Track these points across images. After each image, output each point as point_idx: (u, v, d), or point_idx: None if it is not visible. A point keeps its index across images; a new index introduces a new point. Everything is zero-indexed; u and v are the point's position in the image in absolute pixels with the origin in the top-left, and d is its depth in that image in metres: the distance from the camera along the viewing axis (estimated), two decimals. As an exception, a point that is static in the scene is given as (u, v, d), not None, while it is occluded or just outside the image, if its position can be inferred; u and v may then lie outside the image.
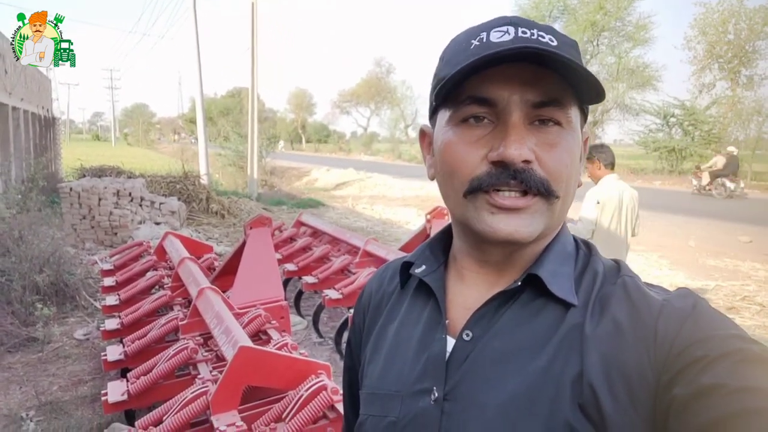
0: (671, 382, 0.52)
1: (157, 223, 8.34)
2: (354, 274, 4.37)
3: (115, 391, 2.60)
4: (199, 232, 9.13)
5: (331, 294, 4.03)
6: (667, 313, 0.56)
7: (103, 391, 2.62)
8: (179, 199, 9.92)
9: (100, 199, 7.81)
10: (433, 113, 0.70)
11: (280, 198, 15.31)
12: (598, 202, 3.56)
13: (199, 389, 2.28)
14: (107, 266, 4.79)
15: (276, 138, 27.26)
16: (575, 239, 0.71)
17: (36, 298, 4.87)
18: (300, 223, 6.10)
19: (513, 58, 0.57)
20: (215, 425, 2.10)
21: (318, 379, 2.22)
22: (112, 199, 7.93)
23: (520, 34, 0.59)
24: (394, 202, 14.82)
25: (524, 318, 0.63)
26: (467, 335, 0.64)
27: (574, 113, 0.63)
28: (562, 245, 0.68)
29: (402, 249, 4.54)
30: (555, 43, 0.59)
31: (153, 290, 4.22)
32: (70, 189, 7.76)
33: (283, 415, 2.17)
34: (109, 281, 4.40)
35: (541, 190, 0.60)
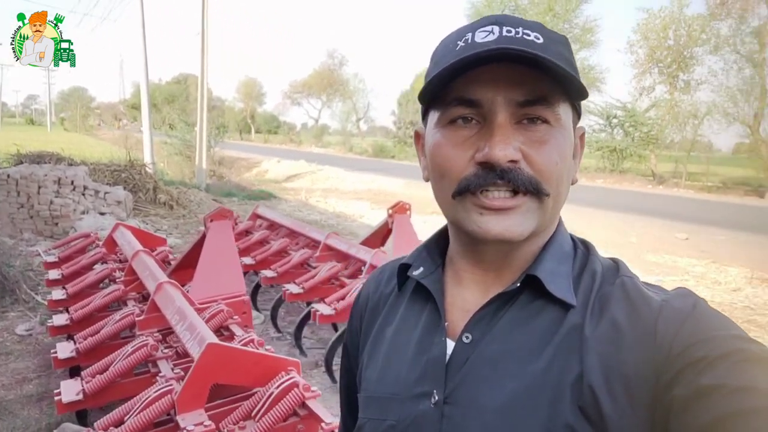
0: (671, 382, 0.52)
1: (102, 213, 7.99)
2: (315, 268, 4.33)
3: (70, 390, 2.48)
4: (147, 224, 8.81)
5: (292, 288, 3.98)
6: (666, 314, 0.56)
7: (56, 391, 2.49)
8: (125, 188, 9.53)
9: (39, 188, 7.40)
10: (424, 115, 0.70)
11: (230, 189, 14.97)
12: None
13: (162, 388, 2.20)
14: (51, 258, 4.54)
15: (225, 127, 26.62)
16: (573, 238, 0.71)
17: (-28, 291, 4.59)
18: (256, 216, 5.98)
19: (492, 59, 0.57)
20: (181, 425, 2.04)
21: (288, 376, 2.19)
22: (52, 188, 7.53)
23: (504, 33, 0.59)
24: (347, 195, 14.78)
25: (523, 320, 0.63)
26: (467, 338, 0.64)
27: (564, 111, 0.62)
28: (560, 244, 0.67)
29: (363, 243, 4.53)
30: (541, 41, 0.58)
31: (102, 284, 4.05)
32: (8, 176, 7.30)
33: (253, 413, 2.13)
34: (54, 274, 4.18)
35: (530, 189, 0.60)
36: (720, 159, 27.46)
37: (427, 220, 9.28)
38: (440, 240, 0.77)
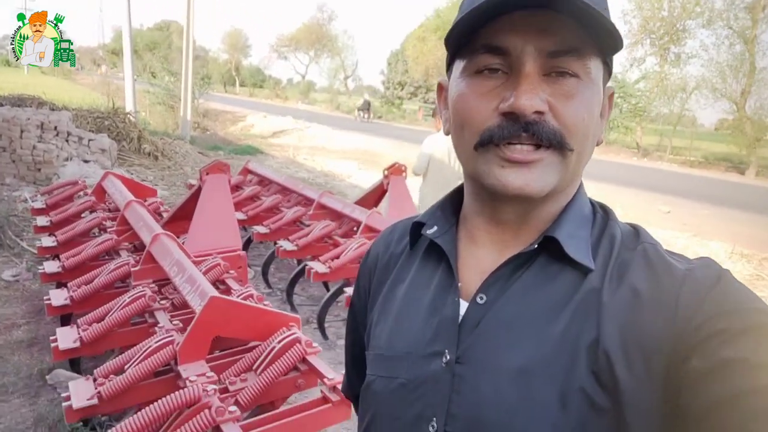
0: (690, 353, 0.51)
1: (86, 161, 7.81)
2: (308, 226, 4.31)
3: (66, 337, 2.46)
4: (132, 174, 8.63)
5: (285, 245, 3.97)
6: (689, 284, 0.54)
7: (51, 337, 2.47)
8: (108, 136, 9.30)
9: (22, 132, 7.18)
10: (449, 65, 0.67)
11: (215, 143, 14.73)
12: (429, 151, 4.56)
13: (164, 338, 2.19)
14: (38, 204, 4.46)
15: (209, 78, 26.01)
16: (592, 202, 0.69)
17: (-44, 235, 4.49)
18: (247, 171, 5.90)
19: (523, 2, 0.55)
20: (183, 375, 2.05)
21: (290, 332, 2.20)
22: (35, 132, 7.31)
23: None
24: (335, 155, 14.65)
25: (540, 282, 0.62)
26: (481, 298, 0.63)
27: (594, 65, 0.60)
28: (579, 208, 0.66)
29: (358, 203, 4.52)
30: None
31: (92, 233, 3.99)
32: (-12, 118, 7.07)
33: (254, 367, 2.15)
34: (42, 221, 4.11)
35: (554, 143, 0.58)
36: (702, 134, 27.70)
37: (418, 181, 9.28)
38: (454, 199, 0.75)
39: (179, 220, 3.83)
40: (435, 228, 0.72)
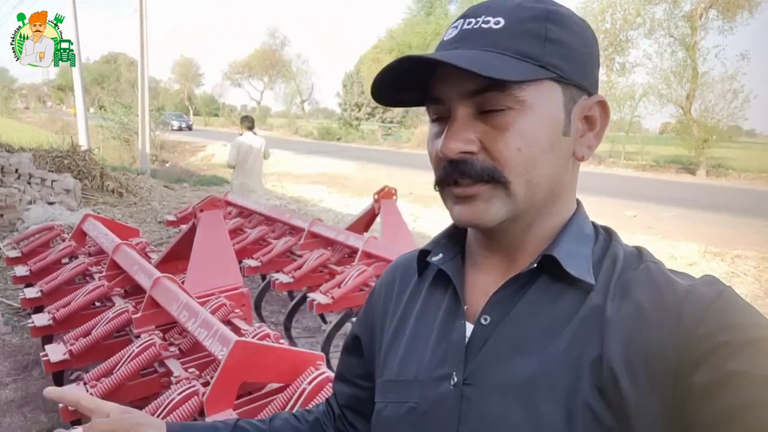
0: (693, 367, 0.52)
1: (50, 203, 7.50)
2: (299, 256, 4.23)
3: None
4: (98, 213, 8.35)
5: (282, 278, 3.87)
6: (692, 299, 0.56)
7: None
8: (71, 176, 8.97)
9: (-20, 177, 6.87)
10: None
11: (178, 175, 14.41)
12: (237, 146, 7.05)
13: (186, 390, 2.10)
14: (14, 253, 4.23)
15: (164, 109, 25.54)
16: (594, 225, 0.70)
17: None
18: (226, 203, 5.77)
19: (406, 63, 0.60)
20: (214, 427, 1.95)
21: (319, 371, 2.14)
22: (-5, 177, 7.00)
23: (465, 26, 0.61)
24: (302, 180, 14.54)
25: (543, 302, 0.63)
26: (485, 320, 0.65)
27: (537, 91, 0.59)
28: (579, 227, 0.67)
29: (349, 229, 4.47)
30: (500, 26, 0.59)
31: (76, 279, 3.81)
32: (-57, 165, 6.73)
33: (286, 410, 2.07)
34: (21, 270, 3.90)
35: (485, 178, 0.61)
36: (648, 138, 28.78)
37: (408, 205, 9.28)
38: (460, 227, 0.77)
39: (172, 260, 3.70)
40: (440, 255, 0.74)
